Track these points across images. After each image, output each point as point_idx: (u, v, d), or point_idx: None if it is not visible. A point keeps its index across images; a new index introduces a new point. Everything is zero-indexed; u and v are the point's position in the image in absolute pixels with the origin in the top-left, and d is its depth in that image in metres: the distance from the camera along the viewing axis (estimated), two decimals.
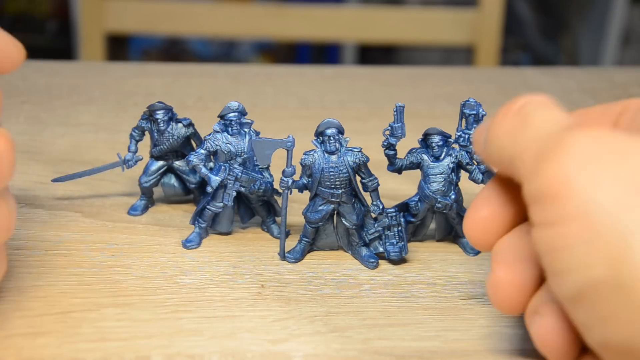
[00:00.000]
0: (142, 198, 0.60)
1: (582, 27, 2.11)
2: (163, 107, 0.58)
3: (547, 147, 0.36)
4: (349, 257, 0.55)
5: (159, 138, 0.58)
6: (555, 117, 0.38)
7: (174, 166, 0.60)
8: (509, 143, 0.39)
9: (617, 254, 0.32)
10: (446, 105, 0.85)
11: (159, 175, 0.60)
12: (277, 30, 1.44)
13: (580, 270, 0.34)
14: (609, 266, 0.33)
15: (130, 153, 0.59)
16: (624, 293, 0.32)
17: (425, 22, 1.40)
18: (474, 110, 0.55)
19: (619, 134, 0.35)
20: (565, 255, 0.34)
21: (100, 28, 1.37)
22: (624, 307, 0.33)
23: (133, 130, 0.59)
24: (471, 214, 0.44)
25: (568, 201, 0.34)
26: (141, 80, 0.88)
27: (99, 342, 0.45)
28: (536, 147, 0.37)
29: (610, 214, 0.33)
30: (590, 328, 0.35)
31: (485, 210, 0.43)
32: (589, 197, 0.34)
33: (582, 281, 0.34)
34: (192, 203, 0.62)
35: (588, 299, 0.34)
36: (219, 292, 0.50)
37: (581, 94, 0.89)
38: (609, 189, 0.33)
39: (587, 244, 0.33)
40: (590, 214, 0.33)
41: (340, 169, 0.53)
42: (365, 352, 0.45)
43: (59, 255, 0.53)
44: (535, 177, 0.36)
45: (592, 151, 0.35)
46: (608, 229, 0.33)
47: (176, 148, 0.59)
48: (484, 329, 0.48)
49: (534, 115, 0.39)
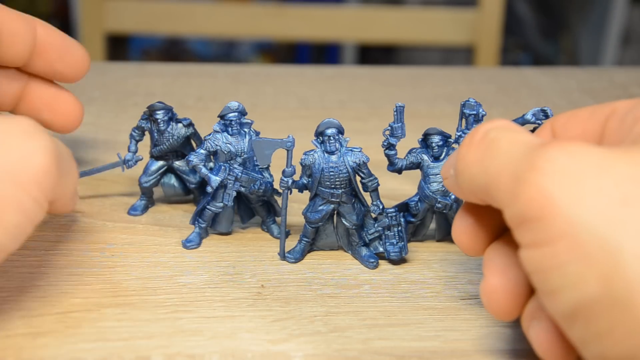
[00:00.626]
0: (142, 198, 0.60)
1: (582, 27, 2.11)
2: (163, 107, 0.58)
3: (521, 169, 0.35)
4: (349, 257, 0.55)
5: (159, 138, 0.58)
6: (522, 139, 0.38)
7: (174, 166, 0.60)
8: (479, 172, 0.38)
9: (608, 270, 0.32)
10: (446, 105, 0.85)
11: (159, 175, 0.60)
12: (277, 30, 1.44)
13: (572, 288, 0.33)
14: (601, 282, 0.32)
15: (130, 153, 0.59)
16: (618, 308, 0.32)
17: (425, 22, 1.41)
18: (474, 110, 0.55)
19: (593, 146, 0.35)
20: (556, 274, 0.34)
21: (100, 28, 1.37)
22: (619, 322, 0.32)
23: (133, 130, 0.59)
24: (458, 221, 0.43)
25: (552, 221, 0.33)
26: (141, 80, 0.88)
27: (99, 342, 0.45)
28: (510, 171, 0.36)
29: (597, 229, 0.32)
30: (587, 344, 0.35)
31: (471, 217, 0.43)
32: (572, 214, 0.33)
33: (575, 299, 0.33)
34: (192, 203, 0.62)
35: (582, 316, 0.33)
36: (219, 292, 0.50)
37: (581, 94, 0.89)
38: (592, 204, 0.33)
39: (576, 261, 0.33)
40: (576, 232, 0.33)
41: (340, 169, 0.53)
42: (365, 352, 0.45)
43: (59, 255, 0.53)
44: (514, 202, 0.35)
45: (569, 166, 0.34)
46: (596, 244, 0.32)
47: (176, 148, 0.59)
48: (484, 329, 0.48)
49: (499, 140, 0.38)
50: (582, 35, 2.10)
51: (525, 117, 0.57)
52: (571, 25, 2.15)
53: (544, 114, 0.57)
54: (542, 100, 0.87)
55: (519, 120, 0.57)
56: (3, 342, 0.44)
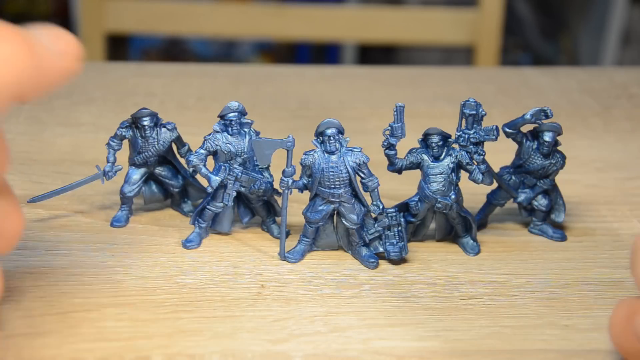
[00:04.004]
0: (124, 208, 0.59)
1: (582, 27, 2.11)
2: (149, 113, 0.57)
3: None
4: (349, 257, 0.55)
5: (144, 145, 0.57)
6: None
7: (155, 172, 0.59)
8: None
9: None
10: (446, 105, 0.85)
11: (142, 183, 0.59)
12: (277, 30, 1.44)
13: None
14: None
15: (110, 164, 0.58)
16: None
17: (425, 22, 1.40)
18: (474, 110, 0.55)
19: None
20: None
21: (100, 28, 1.37)
22: None
23: (111, 140, 0.58)
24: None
25: None
26: (141, 80, 0.88)
27: (99, 342, 0.45)
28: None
29: None
30: None
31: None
32: None
33: None
34: (192, 204, 0.62)
35: None
36: (219, 292, 0.50)
37: (581, 94, 0.89)
38: None
39: None
40: None
41: (340, 169, 0.53)
42: (365, 352, 0.45)
43: (59, 255, 0.53)
44: None
45: None
46: None
47: (162, 153, 0.58)
48: (484, 329, 0.48)
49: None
50: (582, 35, 2.10)
51: (525, 117, 0.57)
52: (571, 25, 2.15)
53: (544, 114, 0.57)
54: (542, 100, 0.87)
55: (518, 120, 0.57)
56: (3, 342, 0.44)
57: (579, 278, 0.54)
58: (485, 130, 0.55)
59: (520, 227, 0.61)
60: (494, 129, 0.55)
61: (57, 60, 0.38)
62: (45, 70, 0.38)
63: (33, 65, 0.36)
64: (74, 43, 0.40)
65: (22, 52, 0.36)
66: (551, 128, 0.57)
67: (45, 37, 0.38)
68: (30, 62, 0.36)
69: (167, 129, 0.58)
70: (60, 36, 0.39)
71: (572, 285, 0.53)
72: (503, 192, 0.60)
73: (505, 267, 0.55)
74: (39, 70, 0.37)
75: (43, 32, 0.38)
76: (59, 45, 0.39)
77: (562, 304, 0.51)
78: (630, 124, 0.81)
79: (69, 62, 0.39)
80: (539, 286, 0.53)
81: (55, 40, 0.38)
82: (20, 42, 0.36)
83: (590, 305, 0.51)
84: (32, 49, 0.36)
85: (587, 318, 0.49)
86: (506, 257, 0.56)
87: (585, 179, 0.69)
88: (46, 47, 0.38)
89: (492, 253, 0.57)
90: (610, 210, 0.63)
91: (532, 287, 0.52)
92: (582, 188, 0.67)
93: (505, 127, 0.58)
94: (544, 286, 0.53)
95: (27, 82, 0.36)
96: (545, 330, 0.48)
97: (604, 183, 0.68)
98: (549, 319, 0.49)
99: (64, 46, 0.39)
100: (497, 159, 0.59)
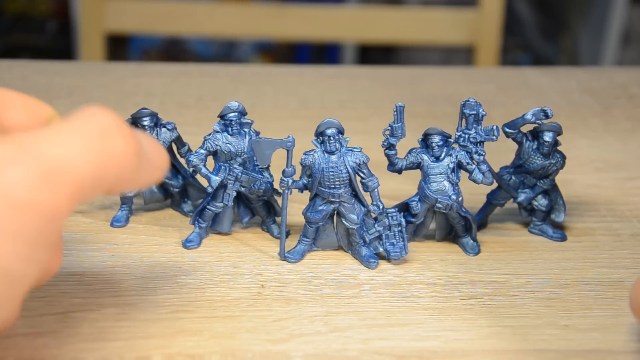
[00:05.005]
0: (124, 208, 0.59)
1: (582, 27, 2.11)
2: (149, 113, 0.57)
3: None
4: (349, 257, 0.55)
5: None
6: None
7: None
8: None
9: None
10: (446, 105, 0.85)
11: None
12: (277, 30, 1.44)
13: None
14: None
15: None
16: None
17: (425, 22, 1.40)
18: (474, 110, 0.55)
19: None
20: None
21: (100, 28, 1.37)
22: None
23: None
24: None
25: None
26: (141, 80, 0.88)
27: (99, 342, 0.45)
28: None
29: None
30: None
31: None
32: None
33: None
34: (192, 204, 0.62)
35: None
36: (219, 292, 0.50)
37: (581, 94, 0.89)
38: None
39: None
40: None
41: (340, 169, 0.53)
42: (365, 352, 0.45)
43: None
44: None
45: None
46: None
47: None
48: (484, 329, 0.48)
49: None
50: (582, 35, 2.10)
51: (525, 117, 0.57)
52: (571, 25, 2.15)
53: (544, 114, 0.57)
54: (542, 100, 0.87)
55: (518, 120, 0.57)
56: (3, 342, 0.44)
57: (579, 278, 0.54)
58: (485, 130, 0.55)
59: (520, 227, 0.61)
60: (494, 129, 0.55)
61: (150, 170, 0.40)
62: (138, 175, 0.39)
63: (133, 169, 0.38)
64: (166, 159, 0.42)
65: (130, 152, 0.37)
66: (551, 128, 0.57)
67: (146, 145, 0.40)
68: (132, 165, 0.38)
69: (167, 129, 0.58)
70: (158, 149, 0.41)
71: (572, 285, 0.53)
72: (503, 192, 0.60)
73: (505, 267, 0.55)
74: (134, 175, 0.38)
75: (145, 139, 0.40)
76: (155, 157, 0.40)
77: (561, 304, 0.51)
78: (630, 124, 0.81)
79: (157, 175, 0.41)
80: (538, 286, 0.53)
81: (153, 151, 0.40)
82: (132, 143, 0.38)
83: (590, 305, 0.51)
84: (138, 153, 0.38)
85: (587, 318, 0.49)
86: (506, 257, 0.56)
87: (585, 179, 0.69)
88: (146, 156, 0.39)
89: (492, 253, 0.57)
90: (610, 210, 0.63)
91: (532, 287, 0.52)
92: (582, 188, 0.67)
93: (505, 127, 0.58)
94: (543, 286, 0.53)
95: (122, 180, 0.38)
96: (545, 330, 0.48)
97: (604, 183, 0.68)
98: (549, 319, 0.49)
99: (157, 159, 0.41)
100: (497, 159, 0.59)
